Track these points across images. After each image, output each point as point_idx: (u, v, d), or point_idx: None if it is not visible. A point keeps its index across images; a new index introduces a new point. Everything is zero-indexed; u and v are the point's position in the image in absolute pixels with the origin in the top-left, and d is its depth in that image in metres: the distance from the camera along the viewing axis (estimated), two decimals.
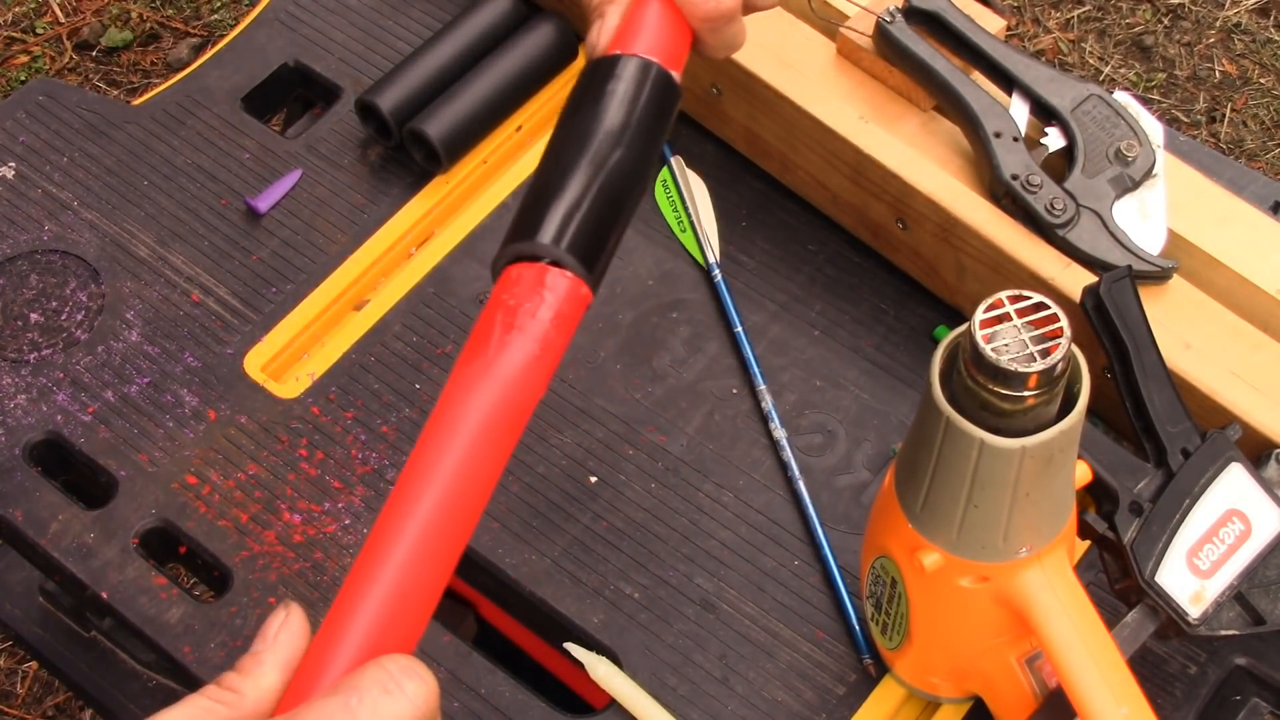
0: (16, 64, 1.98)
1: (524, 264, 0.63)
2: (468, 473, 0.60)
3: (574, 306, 0.63)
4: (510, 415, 0.61)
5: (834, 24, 0.94)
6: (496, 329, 0.61)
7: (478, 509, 0.61)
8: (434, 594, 0.60)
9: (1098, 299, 0.79)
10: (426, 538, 0.59)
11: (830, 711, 0.80)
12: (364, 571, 0.58)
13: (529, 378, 0.61)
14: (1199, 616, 0.74)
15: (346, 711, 0.54)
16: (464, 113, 0.95)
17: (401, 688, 0.55)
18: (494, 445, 0.61)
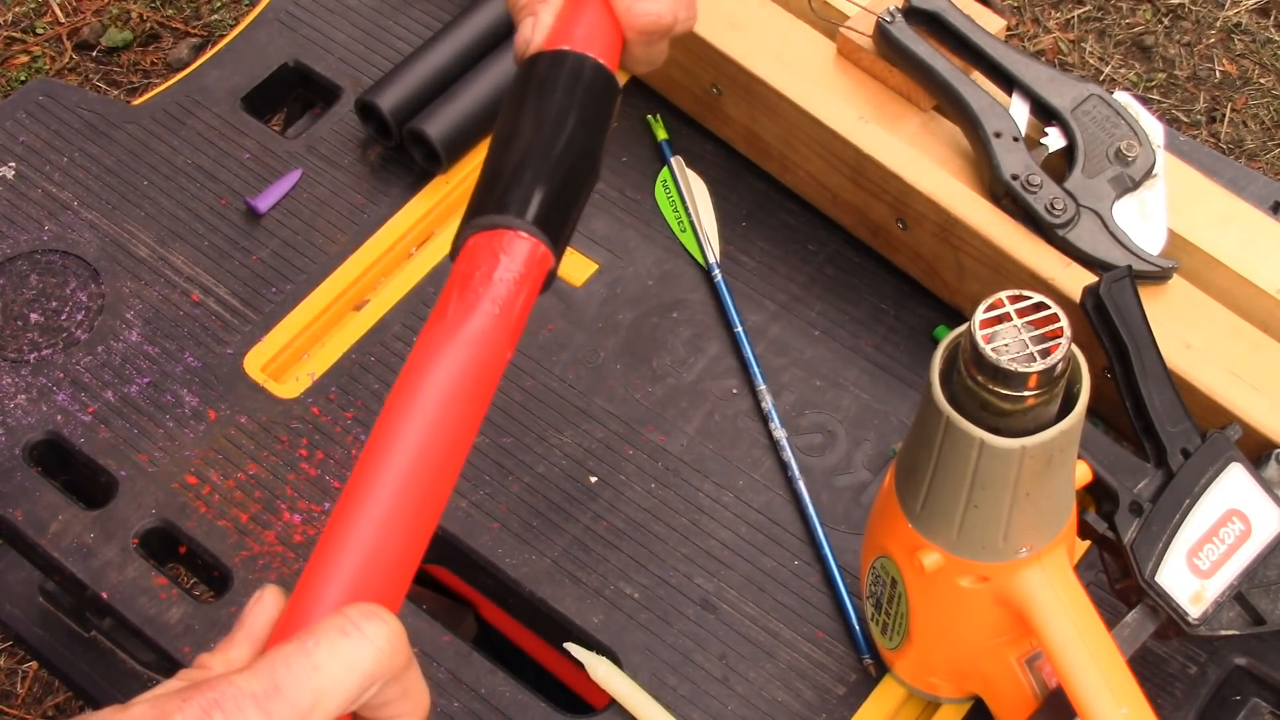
0: (16, 64, 1.98)
1: (480, 234, 0.63)
2: (435, 438, 0.59)
3: (533, 268, 0.63)
4: (475, 378, 0.61)
5: (834, 24, 0.94)
6: (454, 295, 0.61)
7: (449, 476, 0.60)
8: (409, 561, 0.59)
9: (1098, 299, 0.79)
10: (397, 503, 0.58)
11: (830, 711, 0.80)
12: (334, 539, 0.58)
13: (490, 339, 0.61)
14: (1199, 616, 0.74)
15: (302, 654, 0.54)
16: (464, 113, 0.95)
17: (360, 628, 0.55)
18: (461, 409, 0.60)
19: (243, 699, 0.52)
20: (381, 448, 0.59)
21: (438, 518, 0.60)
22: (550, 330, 0.92)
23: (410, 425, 0.59)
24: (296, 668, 0.54)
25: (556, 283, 0.93)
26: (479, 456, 0.87)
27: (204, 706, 0.52)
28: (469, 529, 0.85)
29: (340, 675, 0.54)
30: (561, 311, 0.92)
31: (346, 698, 0.55)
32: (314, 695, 0.54)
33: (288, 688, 0.53)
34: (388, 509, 0.58)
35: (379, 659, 0.55)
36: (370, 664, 0.55)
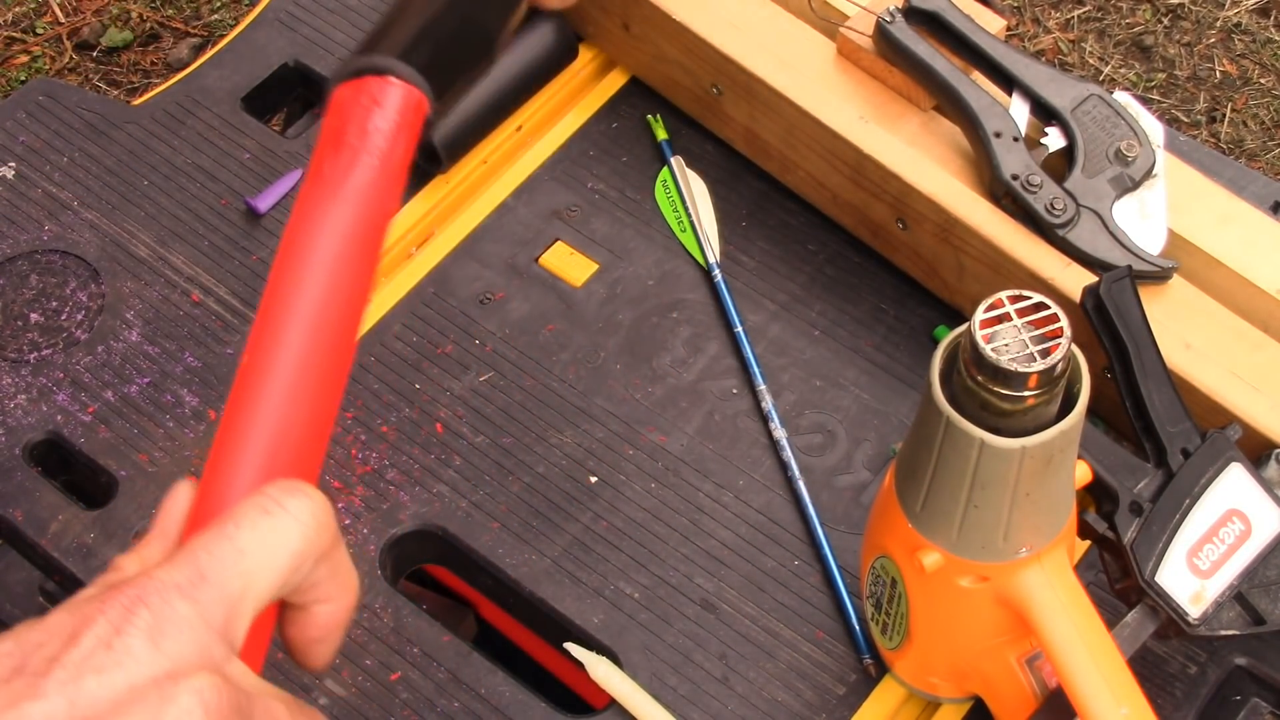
0: (16, 64, 1.98)
1: (350, 82, 0.60)
2: (330, 302, 0.56)
3: (409, 115, 0.60)
4: (363, 235, 0.57)
5: (834, 24, 0.94)
6: (328, 151, 0.58)
7: (349, 339, 0.57)
8: (319, 434, 0.56)
9: (1098, 299, 0.79)
10: (300, 374, 0.55)
11: (830, 711, 0.80)
12: (237, 419, 0.55)
13: (374, 193, 0.58)
14: (1199, 616, 0.73)
15: (224, 538, 0.51)
16: (464, 113, 0.95)
17: (283, 506, 0.53)
18: (352, 269, 0.57)
19: (167, 591, 0.50)
20: (276, 318, 0.55)
21: (343, 385, 0.57)
22: (550, 330, 0.92)
23: (303, 292, 0.56)
24: (220, 553, 0.51)
25: (557, 283, 0.93)
26: (479, 456, 0.87)
27: (126, 604, 0.49)
28: (469, 529, 0.85)
29: (267, 556, 0.52)
30: (561, 311, 0.92)
31: (276, 580, 0.52)
32: (242, 580, 0.51)
33: (213, 574, 0.51)
34: (291, 381, 0.55)
35: (306, 535, 0.53)
36: (297, 542, 0.53)
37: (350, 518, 0.85)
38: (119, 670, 0.49)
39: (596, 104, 1.00)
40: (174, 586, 0.50)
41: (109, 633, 0.49)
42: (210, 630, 0.51)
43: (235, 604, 0.51)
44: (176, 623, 0.50)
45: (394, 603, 0.83)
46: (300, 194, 0.58)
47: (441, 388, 0.90)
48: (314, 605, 0.55)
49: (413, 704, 0.80)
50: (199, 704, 0.49)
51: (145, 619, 0.49)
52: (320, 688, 0.80)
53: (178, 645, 0.50)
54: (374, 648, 0.81)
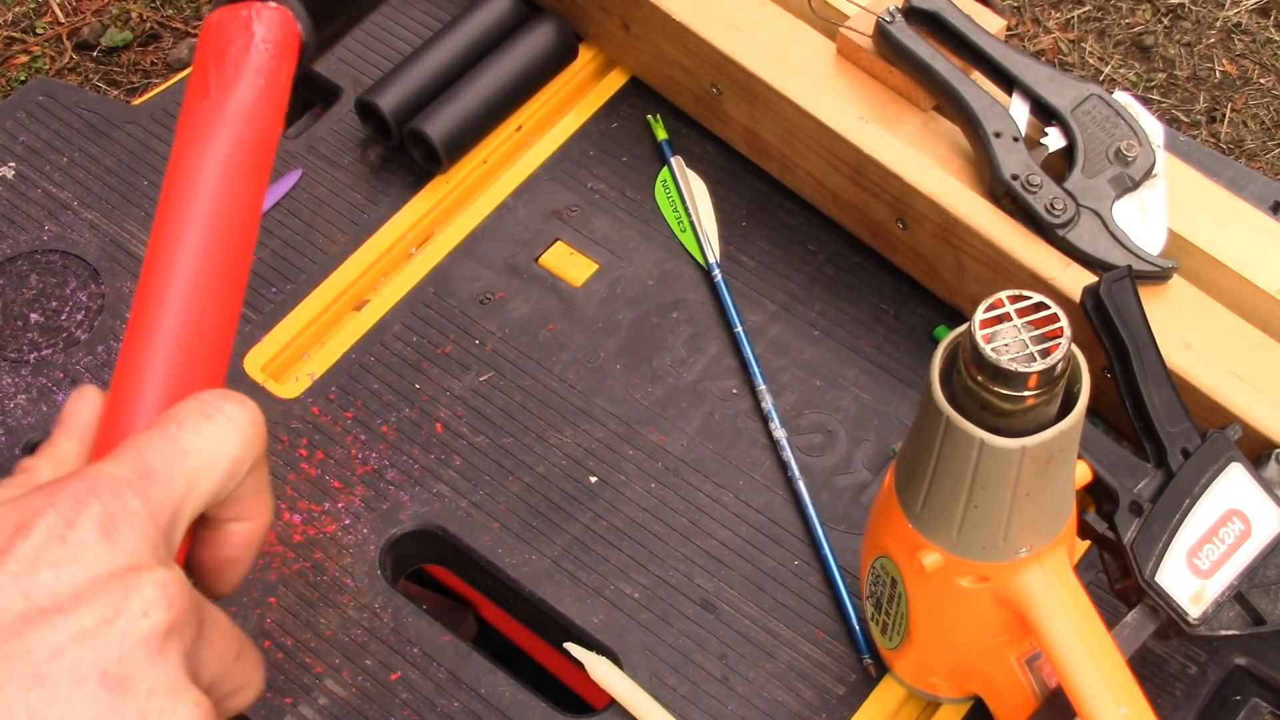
0: (16, 64, 1.98)
1: (228, 6, 0.62)
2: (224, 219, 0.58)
3: (290, 38, 0.62)
4: (253, 153, 0.60)
5: (834, 24, 0.94)
6: (212, 70, 0.60)
7: (244, 258, 0.59)
8: (223, 339, 0.58)
9: (1098, 299, 0.79)
10: (200, 288, 0.57)
11: (830, 711, 0.80)
12: (143, 331, 0.56)
13: (262, 111, 0.60)
14: (1199, 616, 0.73)
15: (166, 439, 0.52)
16: (464, 113, 0.95)
17: (221, 410, 0.54)
18: (244, 187, 0.59)
19: (118, 485, 0.50)
20: (171, 232, 0.57)
21: (239, 303, 0.59)
22: (550, 330, 0.92)
23: (196, 205, 0.57)
24: (165, 452, 0.52)
25: (556, 283, 0.93)
26: (479, 456, 0.87)
27: (76, 496, 0.49)
28: (469, 529, 0.85)
29: (209, 458, 0.53)
30: (561, 311, 0.92)
31: (215, 484, 0.53)
32: (186, 479, 0.52)
33: (160, 472, 0.51)
34: (191, 295, 0.56)
35: (244, 441, 0.54)
36: (237, 446, 0.53)
37: (350, 518, 0.85)
38: (75, 564, 0.48)
39: (596, 104, 1.00)
40: (124, 481, 0.50)
41: (60, 525, 0.49)
42: (158, 529, 0.51)
43: (179, 504, 0.52)
44: (129, 517, 0.50)
45: (394, 603, 0.83)
46: (185, 109, 0.60)
47: (441, 388, 0.90)
48: (232, 522, 0.55)
49: (413, 704, 0.80)
50: (162, 596, 0.49)
51: (97, 511, 0.49)
52: (320, 688, 0.80)
53: (131, 540, 0.49)
54: (374, 648, 0.81)
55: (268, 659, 0.81)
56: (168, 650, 0.49)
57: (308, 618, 0.82)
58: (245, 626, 0.81)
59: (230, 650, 0.53)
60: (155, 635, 0.48)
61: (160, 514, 0.51)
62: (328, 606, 0.82)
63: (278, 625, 0.82)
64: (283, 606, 0.82)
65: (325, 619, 0.82)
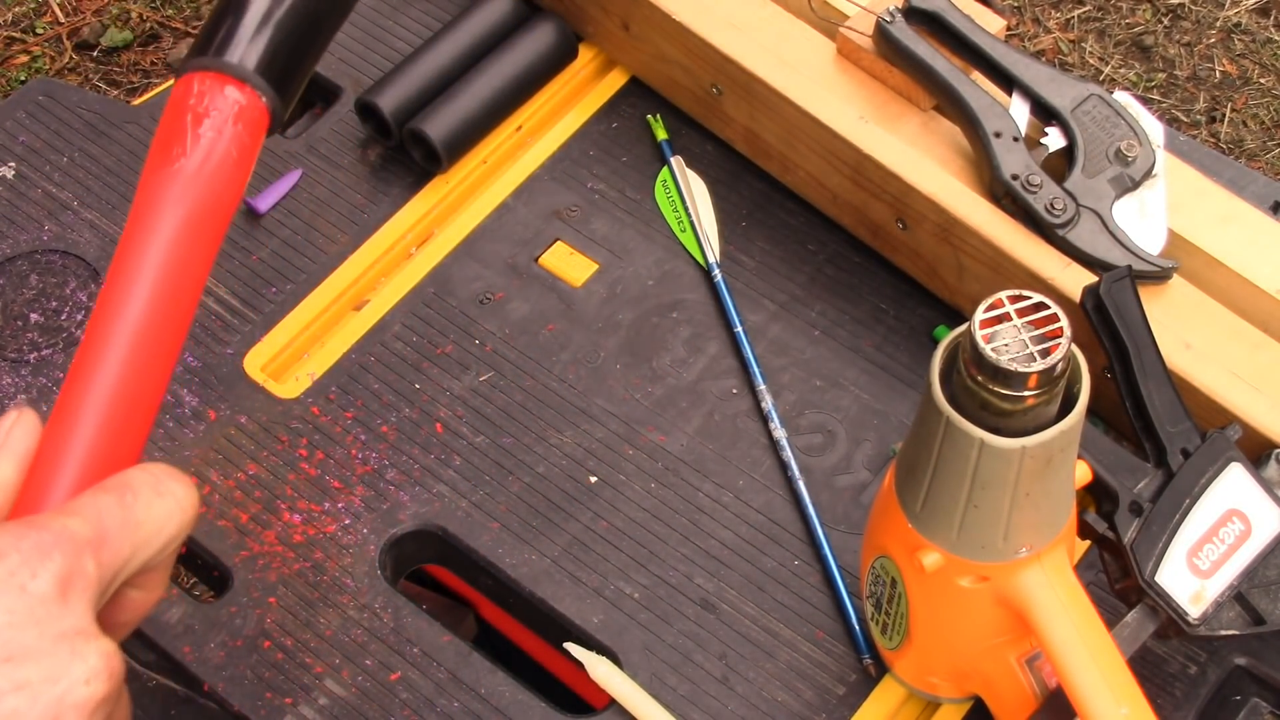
0: (16, 64, 1.99)
1: (208, 74, 0.64)
2: (173, 273, 0.61)
3: (260, 115, 0.65)
4: (211, 215, 0.62)
5: (834, 24, 0.94)
6: (189, 131, 0.63)
7: (188, 310, 0.62)
8: (155, 397, 0.61)
9: (1098, 299, 0.79)
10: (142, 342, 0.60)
11: (830, 711, 0.80)
12: (84, 375, 0.59)
13: (228, 178, 0.63)
14: (1199, 616, 0.73)
15: (123, 508, 0.55)
16: (464, 113, 0.95)
17: (171, 491, 0.57)
18: (197, 245, 0.62)
19: (80, 544, 0.52)
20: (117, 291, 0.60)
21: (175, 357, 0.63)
22: (550, 330, 0.92)
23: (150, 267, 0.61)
24: (121, 520, 0.54)
25: (556, 283, 0.93)
26: (479, 456, 0.87)
27: (41, 548, 0.52)
28: (469, 529, 0.85)
29: (153, 533, 0.55)
30: (561, 311, 0.92)
31: (151, 556, 0.56)
32: (132, 549, 0.54)
33: (113, 538, 0.54)
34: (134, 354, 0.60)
35: (182, 524, 0.57)
36: (176, 527, 0.56)
37: (350, 518, 0.85)
38: (29, 617, 0.50)
39: (596, 104, 1.00)
40: (85, 542, 0.53)
41: (24, 573, 0.50)
42: (101, 593, 0.53)
43: (120, 571, 0.54)
44: (83, 579, 0.52)
45: (394, 603, 0.83)
46: (148, 166, 0.63)
47: (441, 388, 0.90)
48: (135, 590, 0.58)
49: (413, 704, 0.80)
50: (104, 667, 0.51)
51: (57, 566, 0.51)
52: (320, 688, 0.80)
53: (81, 603, 0.52)
54: (374, 648, 0.81)
55: (268, 659, 0.81)
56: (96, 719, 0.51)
57: (308, 618, 0.82)
58: (245, 627, 0.82)
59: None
60: (90, 703, 0.50)
61: (105, 578, 0.53)
62: (328, 606, 0.82)
63: (278, 625, 0.82)
64: (283, 606, 0.82)
65: (325, 619, 0.82)
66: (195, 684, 0.81)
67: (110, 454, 0.59)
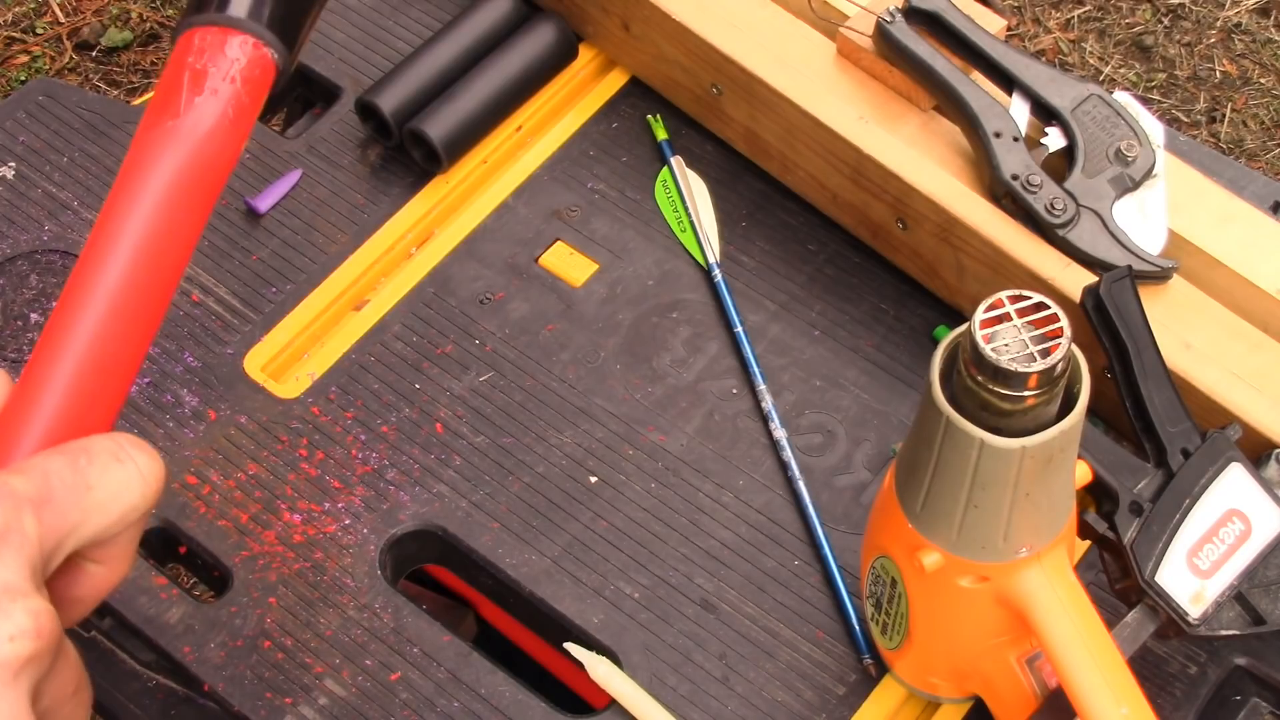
0: (16, 64, 1.98)
1: (211, 28, 0.62)
2: (160, 236, 0.58)
3: (264, 73, 0.63)
4: (201, 178, 0.60)
5: (834, 24, 0.94)
6: (185, 89, 0.60)
7: (173, 276, 0.60)
8: (133, 364, 0.58)
9: (1098, 299, 0.79)
10: (121, 305, 0.57)
11: (830, 711, 0.80)
12: (58, 336, 0.56)
13: (222, 140, 0.60)
14: (1199, 616, 0.73)
15: (75, 469, 0.52)
16: (464, 113, 0.95)
17: (133, 458, 0.54)
18: (185, 209, 0.59)
19: (19, 500, 0.50)
20: (109, 247, 0.58)
21: (156, 327, 0.60)
22: (550, 330, 0.92)
23: (135, 225, 0.58)
24: (70, 482, 0.52)
25: (556, 283, 0.93)
26: (479, 456, 0.87)
27: None
28: (469, 529, 0.85)
29: (108, 499, 0.53)
30: (561, 311, 0.92)
31: (106, 525, 0.53)
32: (81, 513, 0.52)
33: (59, 499, 0.51)
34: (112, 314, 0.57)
35: (145, 494, 0.54)
36: (137, 496, 0.54)
37: (350, 518, 0.85)
38: None
39: (596, 104, 1.00)
40: (25, 498, 0.50)
41: None
42: (41, 554, 0.50)
43: (67, 536, 0.52)
44: (19, 536, 0.50)
45: (394, 603, 0.83)
46: (143, 123, 0.60)
47: (441, 388, 0.90)
48: (93, 564, 0.55)
49: (413, 704, 0.80)
50: (32, 626, 0.49)
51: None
52: (320, 688, 0.80)
53: (15, 560, 0.49)
54: (374, 648, 0.81)
55: (268, 659, 0.81)
56: (21, 679, 0.48)
57: (308, 618, 0.82)
58: (245, 627, 0.82)
59: (70, 686, 0.53)
60: (15, 663, 0.48)
61: (47, 540, 0.51)
62: (328, 606, 0.82)
63: (278, 625, 0.82)
64: (283, 606, 0.82)
65: (325, 619, 0.82)
66: (195, 684, 0.81)
67: (77, 420, 0.56)
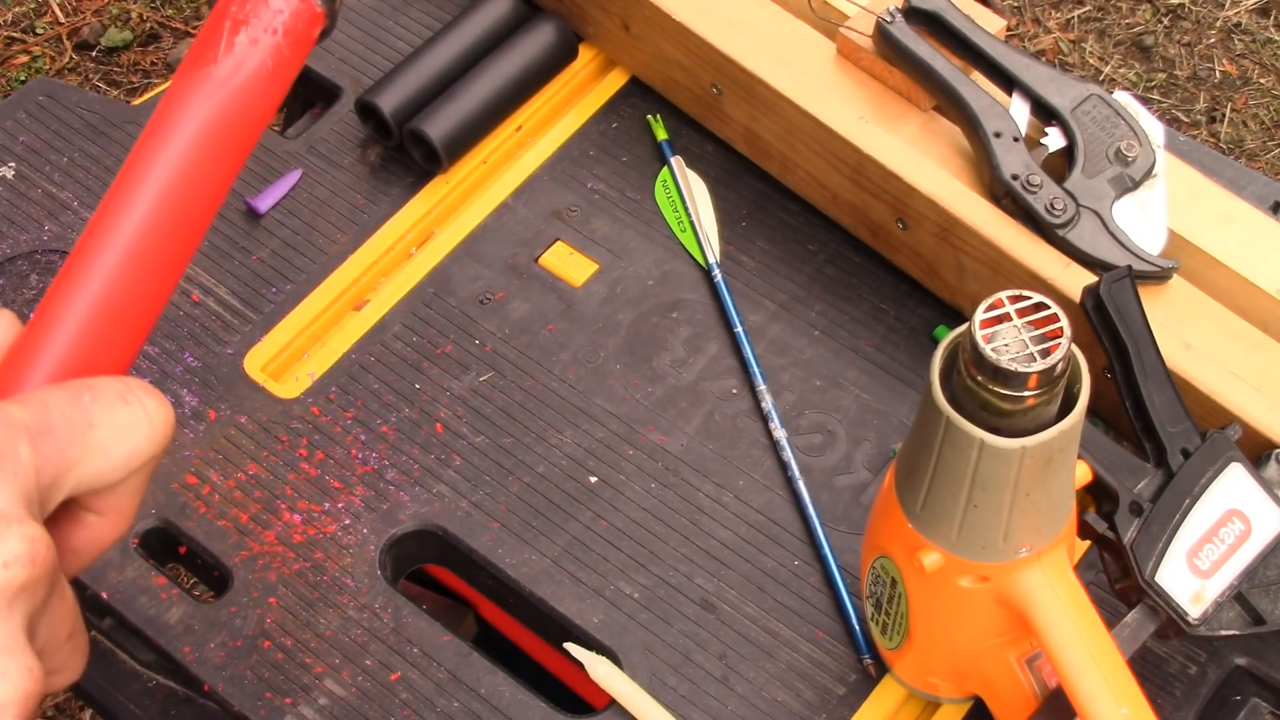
0: (16, 64, 1.98)
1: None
2: (187, 182, 0.57)
3: (308, 25, 0.61)
4: (235, 127, 0.59)
5: (834, 24, 0.94)
6: (225, 37, 0.59)
7: (198, 227, 0.58)
8: (150, 313, 0.57)
9: (1098, 299, 0.79)
10: (141, 250, 0.56)
11: (830, 711, 0.80)
12: (74, 274, 0.55)
13: (258, 90, 0.59)
14: (1199, 616, 0.73)
15: (77, 405, 0.51)
16: (464, 113, 0.95)
17: (140, 401, 0.52)
18: (216, 157, 0.58)
19: (15, 427, 0.49)
20: (137, 187, 0.56)
21: (178, 278, 0.58)
22: (550, 330, 0.92)
23: (164, 168, 0.57)
24: (71, 416, 0.51)
25: (556, 283, 0.93)
26: (479, 456, 0.87)
27: None
28: (469, 529, 0.85)
29: (110, 439, 0.51)
30: (561, 311, 0.92)
31: (108, 468, 0.51)
32: (82, 450, 0.51)
33: (60, 432, 0.50)
34: (133, 256, 0.56)
35: (151, 438, 0.52)
36: (142, 441, 0.52)
37: (350, 518, 0.85)
38: None
39: (596, 104, 1.00)
40: (22, 426, 0.49)
41: None
42: (38, 485, 0.49)
43: (65, 471, 0.50)
44: (13, 462, 0.48)
45: (394, 603, 0.83)
46: (181, 68, 0.59)
47: (441, 388, 0.90)
48: (93, 514, 0.54)
49: (413, 704, 0.80)
50: (28, 552, 0.48)
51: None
52: (320, 688, 0.80)
53: (8, 487, 0.48)
54: (374, 648, 0.81)
55: (268, 659, 0.81)
56: (15, 607, 0.47)
57: (308, 618, 0.82)
58: (245, 627, 0.82)
59: (65, 628, 0.52)
60: (9, 589, 0.47)
61: (45, 472, 0.49)
62: (328, 606, 0.82)
63: (278, 625, 0.82)
64: (283, 606, 0.82)
65: (325, 619, 0.82)
66: (195, 684, 0.81)
67: (87, 361, 0.55)
